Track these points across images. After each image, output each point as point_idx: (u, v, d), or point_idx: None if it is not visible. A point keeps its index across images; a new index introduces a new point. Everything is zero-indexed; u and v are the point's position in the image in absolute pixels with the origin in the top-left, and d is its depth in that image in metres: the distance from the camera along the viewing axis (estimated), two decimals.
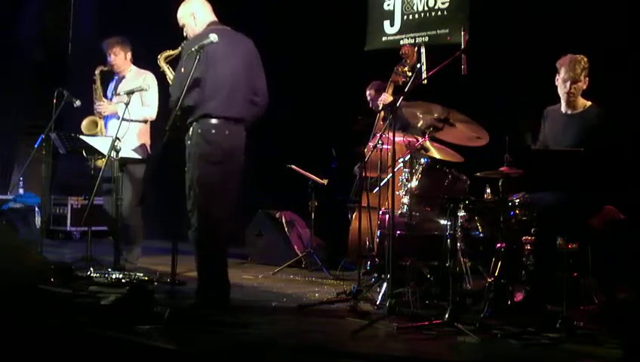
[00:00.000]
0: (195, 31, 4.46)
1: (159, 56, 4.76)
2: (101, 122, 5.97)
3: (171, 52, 4.67)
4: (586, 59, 4.33)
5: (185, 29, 4.55)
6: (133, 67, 6.03)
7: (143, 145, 5.82)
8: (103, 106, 5.94)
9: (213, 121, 4.27)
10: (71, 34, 9.64)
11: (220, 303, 4.24)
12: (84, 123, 5.99)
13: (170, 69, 4.69)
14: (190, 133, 4.32)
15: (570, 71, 4.31)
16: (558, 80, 4.40)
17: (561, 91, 4.41)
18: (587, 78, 4.35)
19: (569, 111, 4.43)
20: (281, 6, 7.61)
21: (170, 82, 4.61)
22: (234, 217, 4.50)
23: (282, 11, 7.61)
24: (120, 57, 5.94)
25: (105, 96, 6.04)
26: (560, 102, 4.50)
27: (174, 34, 4.64)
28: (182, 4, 4.59)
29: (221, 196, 4.34)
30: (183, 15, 4.55)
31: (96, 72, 6.02)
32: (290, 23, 7.51)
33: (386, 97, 5.38)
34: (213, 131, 4.26)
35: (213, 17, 4.54)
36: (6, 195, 8.36)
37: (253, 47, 4.55)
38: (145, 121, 5.89)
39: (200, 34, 4.39)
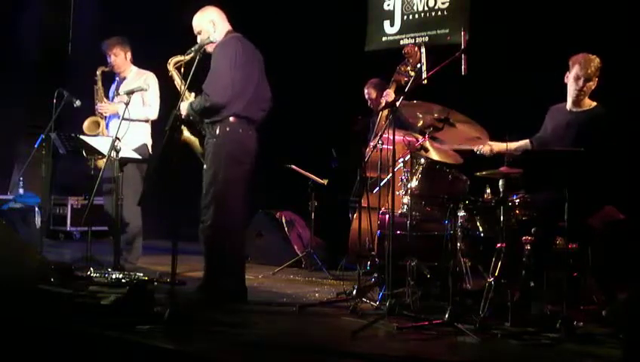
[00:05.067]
0: (213, 37, 4.52)
1: (169, 61, 4.75)
2: (102, 123, 5.97)
3: (181, 57, 4.65)
4: (599, 59, 4.32)
5: (200, 36, 4.58)
6: (134, 67, 6.04)
7: (144, 145, 5.82)
8: (104, 107, 5.95)
9: (239, 120, 4.42)
10: (71, 34, 9.64)
11: (218, 302, 4.28)
12: (86, 123, 5.99)
13: (179, 75, 4.71)
14: (217, 131, 4.41)
15: (584, 69, 4.30)
16: (569, 77, 4.39)
17: (571, 88, 4.39)
18: (597, 79, 4.35)
19: (574, 109, 4.43)
20: (281, 6, 7.60)
21: (178, 87, 4.66)
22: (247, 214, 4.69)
23: (282, 11, 7.61)
24: (120, 58, 5.95)
25: (107, 97, 6.05)
26: (564, 101, 4.49)
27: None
28: (199, 12, 4.66)
29: (242, 195, 4.52)
30: (202, 22, 4.61)
31: (98, 72, 6.04)
32: (290, 23, 7.51)
33: (390, 93, 5.38)
34: (241, 131, 4.43)
35: (229, 26, 4.66)
36: (6, 195, 8.36)
37: (262, 57, 4.71)
38: (146, 121, 5.89)
39: (224, 42, 4.51)
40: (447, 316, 3.86)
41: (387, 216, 4.54)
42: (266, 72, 4.70)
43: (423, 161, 4.71)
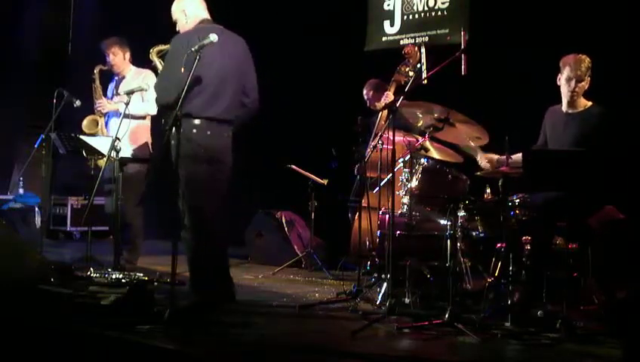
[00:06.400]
0: (185, 27, 4.41)
1: (151, 50, 4.71)
2: (102, 121, 5.98)
3: (163, 47, 4.62)
4: (589, 59, 4.33)
5: (177, 25, 4.54)
6: (133, 67, 6.05)
7: (144, 145, 5.82)
8: (102, 104, 5.96)
9: (195, 121, 4.19)
10: (71, 34, 9.64)
11: (213, 303, 4.21)
12: (85, 122, 6.00)
13: (162, 63, 4.64)
14: (173, 131, 4.23)
15: (575, 70, 4.30)
16: (561, 79, 4.40)
17: (565, 90, 4.39)
18: (589, 79, 4.35)
19: (570, 110, 4.44)
20: (282, 6, 7.61)
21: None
22: (227, 217, 4.44)
23: (282, 11, 7.61)
24: (119, 57, 5.97)
25: (105, 96, 6.05)
26: (561, 102, 4.50)
27: (174, 34, 4.64)
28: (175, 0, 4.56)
29: (210, 195, 4.28)
30: (175, 10, 4.53)
31: (95, 71, 6.05)
32: (291, 23, 7.52)
33: (390, 96, 5.38)
34: (195, 131, 4.19)
35: (205, 15, 4.47)
36: (6, 195, 8.36)
37: (245, 47, 4.49)
38: (144, 118, 5.89)
39: (189, 31, 4.35)
40: (447, 316, 3.86)
41: (387, 216, 4.54)
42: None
43: (423, 160, 4.71)
